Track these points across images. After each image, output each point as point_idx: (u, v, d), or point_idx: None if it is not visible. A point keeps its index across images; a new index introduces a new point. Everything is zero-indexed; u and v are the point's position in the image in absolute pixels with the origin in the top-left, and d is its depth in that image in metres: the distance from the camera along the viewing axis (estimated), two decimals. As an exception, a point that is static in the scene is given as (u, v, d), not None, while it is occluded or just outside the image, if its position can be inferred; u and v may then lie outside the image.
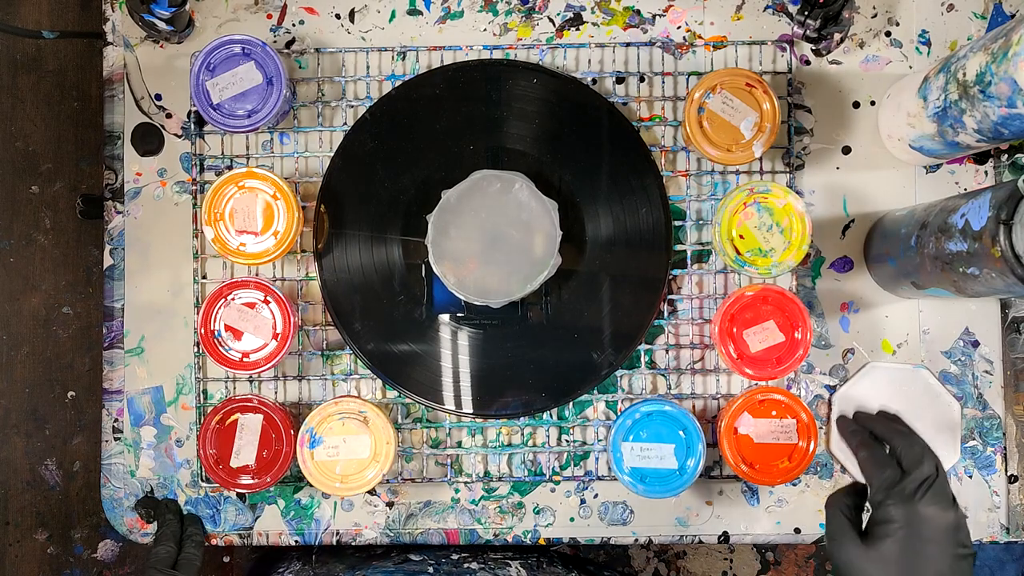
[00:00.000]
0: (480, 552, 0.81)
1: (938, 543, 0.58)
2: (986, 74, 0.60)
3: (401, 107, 0.76)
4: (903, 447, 0.63)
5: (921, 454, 0.61)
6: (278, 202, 0.72)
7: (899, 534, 0.59)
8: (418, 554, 0.80)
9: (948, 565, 0.57)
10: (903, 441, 0.63)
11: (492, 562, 0.79)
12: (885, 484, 0.61)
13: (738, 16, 0.77)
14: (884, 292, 0.76)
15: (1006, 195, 0.57)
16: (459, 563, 0.78)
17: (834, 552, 0.61)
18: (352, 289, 0.76)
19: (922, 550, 0.58)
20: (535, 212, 0.72)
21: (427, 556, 0.79)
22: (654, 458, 0.72)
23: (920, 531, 0.58)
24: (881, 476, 0.61)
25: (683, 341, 0.76)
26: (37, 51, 1.27)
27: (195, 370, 0.77)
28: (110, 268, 0.78)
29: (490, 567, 0.78)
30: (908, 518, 0.59)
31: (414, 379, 0.75)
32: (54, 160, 1.27)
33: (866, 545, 0.60)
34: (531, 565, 0.80)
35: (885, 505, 0.60)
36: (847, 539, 0.61)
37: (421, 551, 0.80)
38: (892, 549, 0.58)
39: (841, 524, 0.62)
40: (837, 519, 0.62)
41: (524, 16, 0.78)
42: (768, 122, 0.72)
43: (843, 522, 0.62)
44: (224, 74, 0.73)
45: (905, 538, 0.58)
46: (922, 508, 0.59)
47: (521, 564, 0.80)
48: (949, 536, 0.58)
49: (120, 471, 0.77)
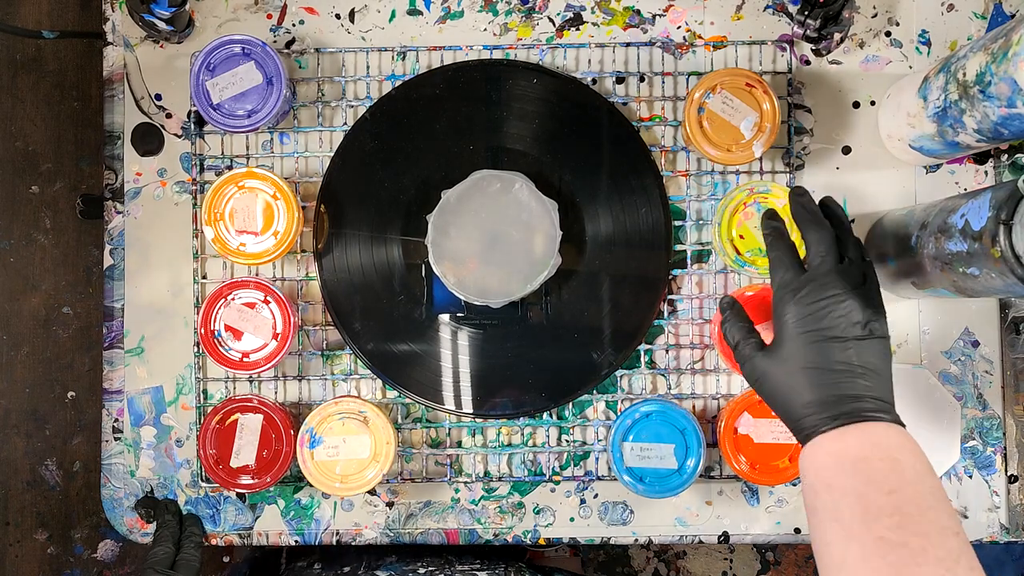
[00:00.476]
0: (447, 564, 0.81)
1: (838, 330, 0.56)
2: (986, 74, 0.60)
3: (401, 107, 0.76)
4: (808, 241, 0.60)
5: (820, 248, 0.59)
6: (278, 202, 0.72)
7: (792, 331, 0.57)
8: (384, 569, 0.80)
9: (848, 347, 0.56)
10: (809, 235, 0.60)
11: (459, 574, 0.79)
12: (780, 285, 0.59)
13: (738, 16, 0.77)
14: (884, 292, 0.76)
15: (1006, 195, 0.57)
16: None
17: (746, 370, 0.60)
18: (352, 289, 0.76)
19: (818, 338, 0.56)
20: (535, 212, 0.72)
21: (393, 572, 0.79)
22: (654, 458, 0.72)
23: (814, 325, 0.57)
24: (777, 278, 0.59)
25: (683, 341, 0.76)
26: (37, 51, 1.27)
27: (195, 370, 0.77)
28: (110, 268, 0.78)
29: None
30: (798, 313, 0.57)
31: (414, 379, 0.75)
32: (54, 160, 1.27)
33: (770, 350, 0.59)
34: (498, 575, 0.80)
35: (778, 305, 0.59)
36: (750, 353, 0.60)
37: (388, 566, 0.80)
38: (791, 346, 0.57)
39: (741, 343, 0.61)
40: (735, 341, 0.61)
41: (524, 16, 0.78)
42: (768, 122, 0.72)
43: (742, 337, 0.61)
44: (224, 74, 0.73)
45: (800, 335, 0.57)
46: (812, 304, 0.57)
47: (488, 574, 0.80)
48: (849, 322, 0.56)
49: (120, 471, 0.77)
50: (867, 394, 0.56)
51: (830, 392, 0.56)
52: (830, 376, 0.56)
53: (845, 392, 0.56)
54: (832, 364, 0.56)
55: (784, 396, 0.58)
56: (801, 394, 0.57)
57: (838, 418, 0.55)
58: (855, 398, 0.55)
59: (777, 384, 0.58)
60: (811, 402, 0.56)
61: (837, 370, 0.56)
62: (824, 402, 0.56)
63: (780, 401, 0.58)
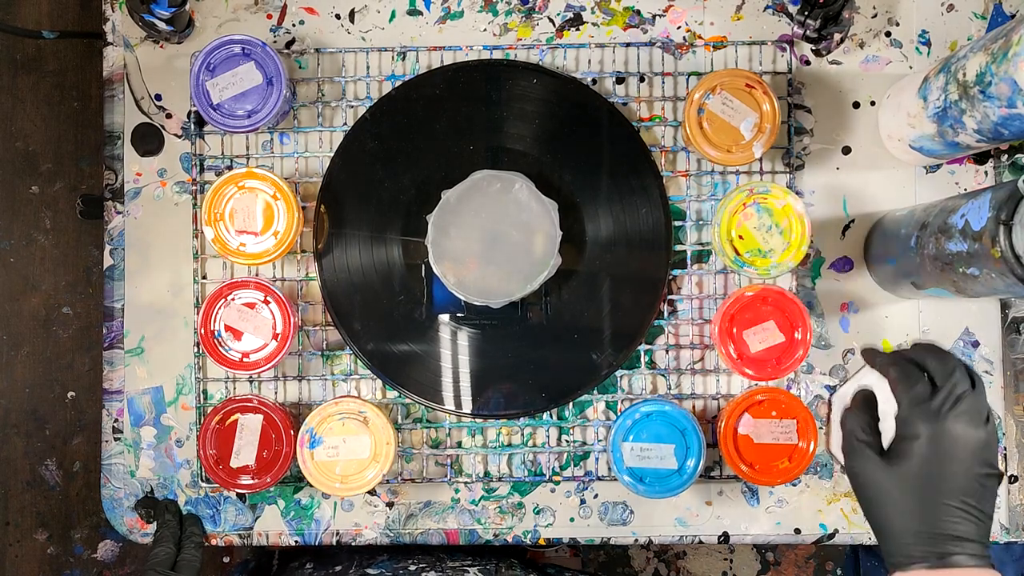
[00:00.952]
0: (438, 561, 0.81)
1: (962, 461, 0.55)
2: (986, 74, 0.60)
3: (401, 107, 0.76)
4: (935, 363, 0.59)
5: (952, 369, 0.58)
6: (278, 202, 0.72)
7: (921, 450, 0.56)
8: (376, 567, 0.80)
9: (971, 484, 0.55)
10: (935, 358, 0.59)
11: (451, 570, 0.79)
12: (913, 400, 0.57)
13: (738, 16, 0.77)
14: (884, 292, 0.76)
15: (1006, 195, 0.57)
16: (417, 573, 0.78)
17: (854, 469, 0.59)
18: (352, 289, 0.76)
19: (944, 467, 0.55)
20: (535, 212, 0.72)
21: (384, 569, 0.79)
22: (654, 458, 0.72)
23: (943, 448, 0.55)
24: (910, 392, 0.58)
25: (683, 341, 0.76)
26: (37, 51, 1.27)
27: (195, 370, 0.77)
28: (110, 268, 0.78)
29: (448, 575, 0.78)
30: (934, 433, 0.56)
31: (414, 379, 0.75)
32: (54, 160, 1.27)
33: (887, 461, 0.57)
34: (489, 571, 0.80)
35: (911, 421, 0.57)
36: (866, 456, 0.58)
37: (379, 564, 0.80)
38: (913, 465, 0.56)
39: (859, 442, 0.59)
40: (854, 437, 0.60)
41: (524, 16, 0.78)
42: (768, 123, 0.72)
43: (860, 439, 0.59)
44: (224, 74, 0.73)
45: (927, 454, 0.55)
46: (949, 424, 0.56)
47: (480, 570, 0.80)
48: (975, 455, 0.55)
49: (120, 471, 0.77)
50: (974, 538, 0.55)
51: (940, 528, 0.55)
52: (946, 511, 0.55)
53: (955, 532, 0.55)
54: (953, 499, 0.55)
55: (890, 514, 0.56)
56: (908, 519, 0.55)
57: (942, 557, 0.54)
58: (961, 540, 0.54)
59: (886, 499, 0.57)
60: (917, 532, 0.55)
61: (954, 507, 0.55)
62: (932, 536, 0.55)
63: (882, 516, 0.57)
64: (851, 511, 0.76)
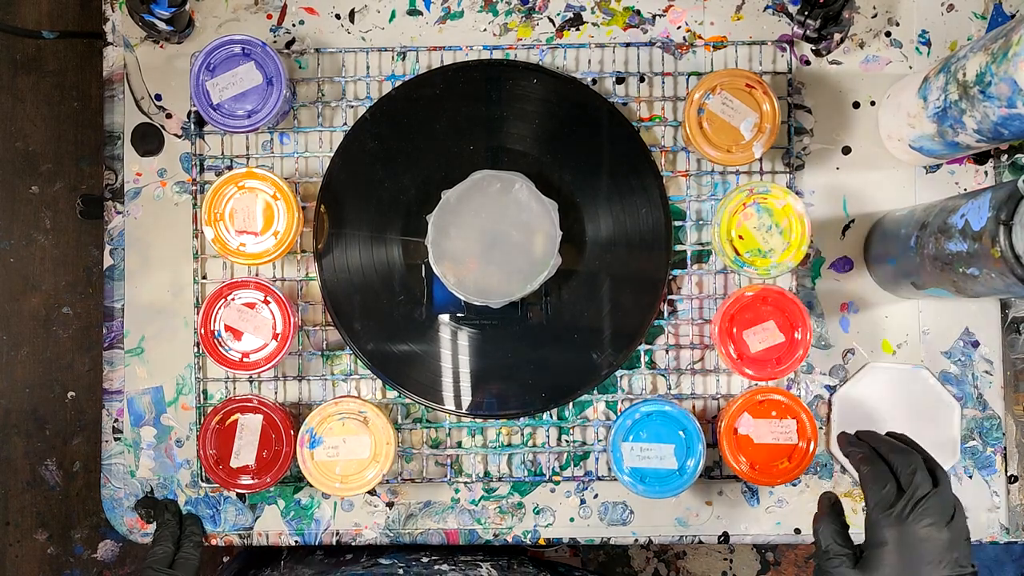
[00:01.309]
0: (450, 554, 0.81)
1: (933, 564, 0.57)
2: (986, 74, 0.60)
3: (401, 107, 0.76)
4: (899, 464, 0.61)
5: (914, 470, 0.60)
6: (278, 202, 0.72)
7: (891, 558, 0.58)
8: (388, 558, 0.80)
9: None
10: (899, 458, 0.62)
11: (463, 564, 0.79)
12: (879, 505, 0.60)
13: (738, 16, 0.77)
14: (884, 292, 0.76)
15: (1006, 195, 0.57)
16: (429, 565, 0.78)
17: None
18: (352, 289, 0.76)
19: (915, 572, 0.57)
20: (535, 212, 0.72)
21: (397, 559, 0.79)
22: (654, 458, 0.72)
23: (913, 552, 0.58)
24: (876, 495, 0.60)
25: (683, 341, 0.76)
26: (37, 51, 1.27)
27: (195, 370, 0.77)
28: (110, 268, 0.78)
29: (461, 569, 0.78)
30: (900, 539, 0.58)
31: (414, 379, 0.75)
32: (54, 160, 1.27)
33: (859, 570, 0.59)
34: (502, 567, 0.80)
35: (877, 527, 0.59)
36: (842, 570, 0.60)
37: (391, 555, 0.80)
38: (885, 573, 0.58)
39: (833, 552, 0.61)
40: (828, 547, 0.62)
41: (524, 16, 0.78)
42: (768, 123, 0.72)
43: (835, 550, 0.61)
44: (224, 74, 0.73)
45: (895, 562, 0.58)
46: (914, 528, 0.58)
47: (492, 565, 0.80)
48: (944, 555, 0.57)
49: (120, 471, 0.77)
50: None
51: None
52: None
53: None
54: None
55: None
56: None
57: None
58: None
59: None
60: None
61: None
62: None
63: None
64: (851, 511, 0.76)
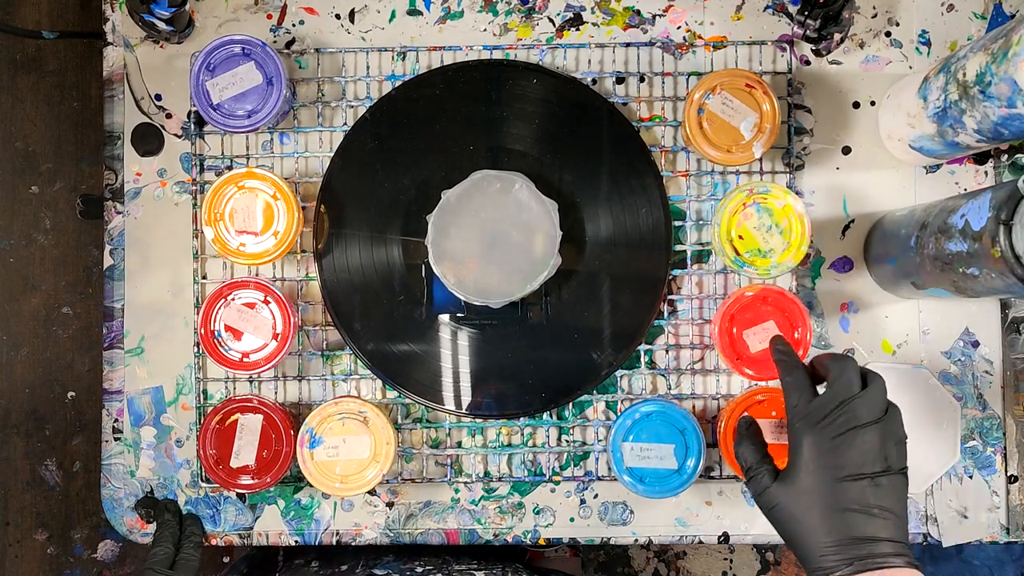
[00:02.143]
0: (445, 564, 0.81)
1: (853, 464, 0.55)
2: (986, 74, 0.60)
3: (401, 107, 0.76)
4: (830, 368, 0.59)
5: (841, 375, 0.58)
6: (278, 202, 0.72)
7: (809, 465, 0.56)
8: (383, 567, 0.80)
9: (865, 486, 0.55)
10: (831, 363, 0.59)
11: (457, 573, 0.79)
12: (795, 410, 0.58)
13: (738, 16, 0.77)
14: (884, 292, 0.76)
15: (1006, 195, 0.57)
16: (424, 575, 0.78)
17: (756, 496, 0.59)
18: (352, 289, 0.76)
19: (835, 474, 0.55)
20: (535, 212, 0.72)
21: (391, 570, 0.79)
22: (654, 458, 0.72)
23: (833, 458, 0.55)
24: (793, 402, 0.58)
25: (683, 341, 0.76)
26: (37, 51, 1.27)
27: (195, 370, 0.77)
28: (110, 268, 0.78)
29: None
30: (816, 444, 0.56)
31: (414, 379, 0.75)
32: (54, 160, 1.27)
33: (781, 480, 0.58)
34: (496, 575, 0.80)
35: (794, 433, 0.57)
36: (762, 481, 0.59)
37: (386, 564, 0.80)
38: (806, 479, 0.56)
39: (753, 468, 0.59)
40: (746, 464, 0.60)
41: (524, 16, 0.78)
42: (768, 123, 0.72)
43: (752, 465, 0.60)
44: (224, 74, 0.73)
45: (815, 466, 0.56)
46: (831, 431, 0.56)
47: (486, 574, 0.80)
48: (868, 459, 0.55)
49: (120, 471, 0.77)
50: (884, 536, 0.54)
51: (846, 534, 0.55)
52: (849, 518, 0.55)
53: (861, 534, 0.54)
54: (849, 504, 0.55)
55: (798, 531, 0.56)
56: (816, 532, 0.55)
57: (852, 562, 0.54)
58: (871, 540, 0.54)
59: (791, 517, 0.57)
60: (826, 543, 0.55)
61: (853, 510, 0.55)
62: (840, 544, 0.55)
63: (793, 534, 0.57)
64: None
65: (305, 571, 0.83)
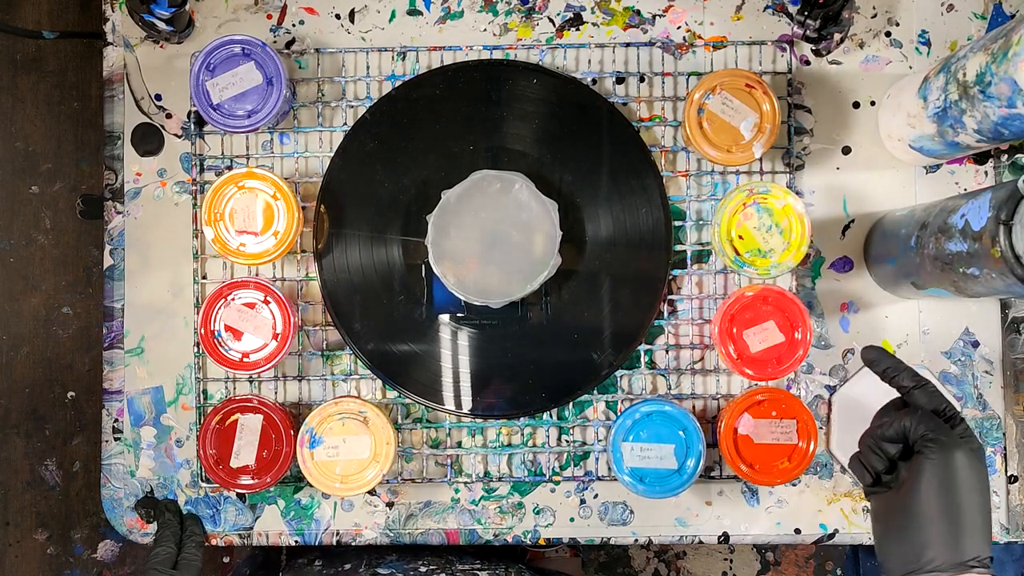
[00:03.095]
0: (448, 564, 0.81)
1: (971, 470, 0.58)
2: (986, 74, 0.60)
3: (401, 107, 0.76)
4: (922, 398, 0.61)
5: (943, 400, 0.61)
6: (278, 202, 0.72)
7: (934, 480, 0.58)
8: (386, 567, 0.80)
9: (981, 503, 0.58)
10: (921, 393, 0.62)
11: (461, 573, 0.79)
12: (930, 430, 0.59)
13: (738, 16, 0.77)
14: (884, 292, 0.76)
15: (1006, 195, 0.57)
16: (428, 575, 0.78)
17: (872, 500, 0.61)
18: (352, 289, 0.76)
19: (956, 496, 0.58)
20: (535, 212, 0.72)
21: (395, 569, 0.79)
22: (654, 458, 0.72)
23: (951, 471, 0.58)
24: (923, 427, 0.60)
25: (683, 341, 0.76)
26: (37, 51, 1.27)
27: (195, 370, 0.77)
28: (110, 268, 0.78)
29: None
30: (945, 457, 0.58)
31: (414, 379, 0.75)
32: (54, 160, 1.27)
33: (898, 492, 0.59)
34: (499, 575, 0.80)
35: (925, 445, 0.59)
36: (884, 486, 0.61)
37: (389, 563, 0.80)
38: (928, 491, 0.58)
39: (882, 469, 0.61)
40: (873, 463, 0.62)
41: (524, 16, 0.78)
42: (768, 123, 0.72)
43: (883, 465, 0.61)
44: (224, 74, 0.73)
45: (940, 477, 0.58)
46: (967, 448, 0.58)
47: (489, 574, 0.79)
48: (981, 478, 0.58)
49: (120, 471, 0.77)
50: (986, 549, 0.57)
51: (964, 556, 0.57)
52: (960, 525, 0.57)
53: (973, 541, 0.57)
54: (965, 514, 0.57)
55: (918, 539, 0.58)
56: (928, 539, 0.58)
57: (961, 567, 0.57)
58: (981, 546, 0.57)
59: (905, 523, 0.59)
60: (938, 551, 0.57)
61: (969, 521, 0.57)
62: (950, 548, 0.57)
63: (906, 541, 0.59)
64: (851, 511, 0.76)
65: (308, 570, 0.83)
